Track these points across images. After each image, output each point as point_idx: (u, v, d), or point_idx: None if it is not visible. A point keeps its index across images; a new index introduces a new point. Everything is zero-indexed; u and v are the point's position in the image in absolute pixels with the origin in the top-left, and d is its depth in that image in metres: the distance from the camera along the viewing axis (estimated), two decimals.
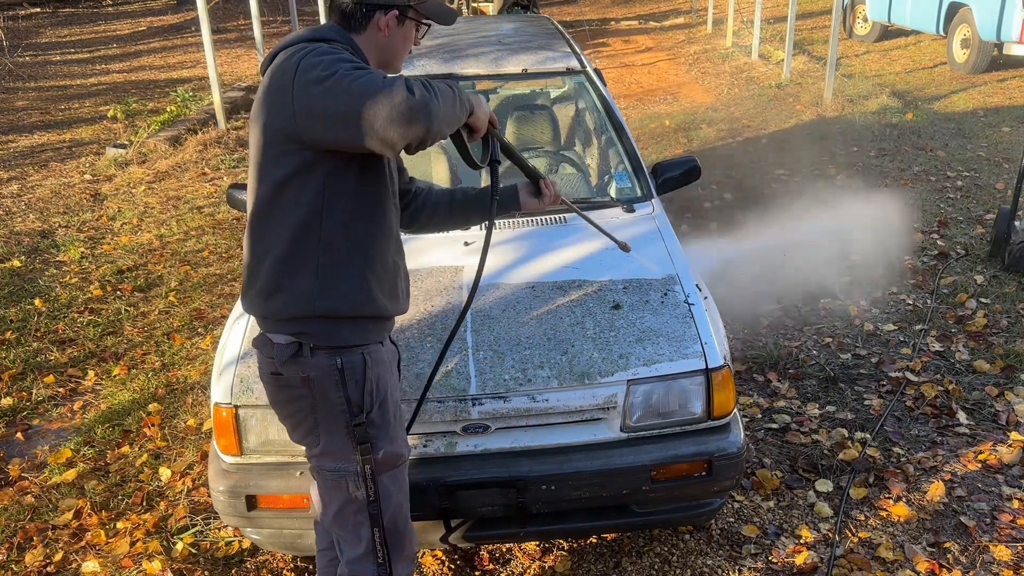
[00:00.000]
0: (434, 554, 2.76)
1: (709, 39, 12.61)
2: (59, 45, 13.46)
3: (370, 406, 1.85)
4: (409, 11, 1.84)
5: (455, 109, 1.71)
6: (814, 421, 3.40)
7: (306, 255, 1.77)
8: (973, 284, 4.50)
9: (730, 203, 5.80)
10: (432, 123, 1.61)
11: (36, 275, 5.08)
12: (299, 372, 1.81)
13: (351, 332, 1.83)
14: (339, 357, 1.81)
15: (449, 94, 1.69)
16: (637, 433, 2.34)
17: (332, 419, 1.84)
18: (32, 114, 9.22)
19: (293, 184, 1.73)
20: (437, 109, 1.62)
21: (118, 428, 3.54)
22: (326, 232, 1.76)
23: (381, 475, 1.89)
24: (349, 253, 1.79)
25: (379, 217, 1.84)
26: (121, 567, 2.78)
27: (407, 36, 1.88)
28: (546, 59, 3.68)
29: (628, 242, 2.47)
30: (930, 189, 5.93)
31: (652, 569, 2.69)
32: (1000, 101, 8.21)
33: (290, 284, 1.79)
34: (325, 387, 1.82)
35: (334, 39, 1.78)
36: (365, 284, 1.82)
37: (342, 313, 1.81)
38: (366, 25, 1.81)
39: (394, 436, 1.92)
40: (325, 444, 1.87)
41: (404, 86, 1.58)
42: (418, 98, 1.58)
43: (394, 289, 1.92)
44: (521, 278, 2.66)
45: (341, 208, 1.76)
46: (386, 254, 1.88)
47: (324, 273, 1.78)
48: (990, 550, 2.73)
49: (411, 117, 1.57)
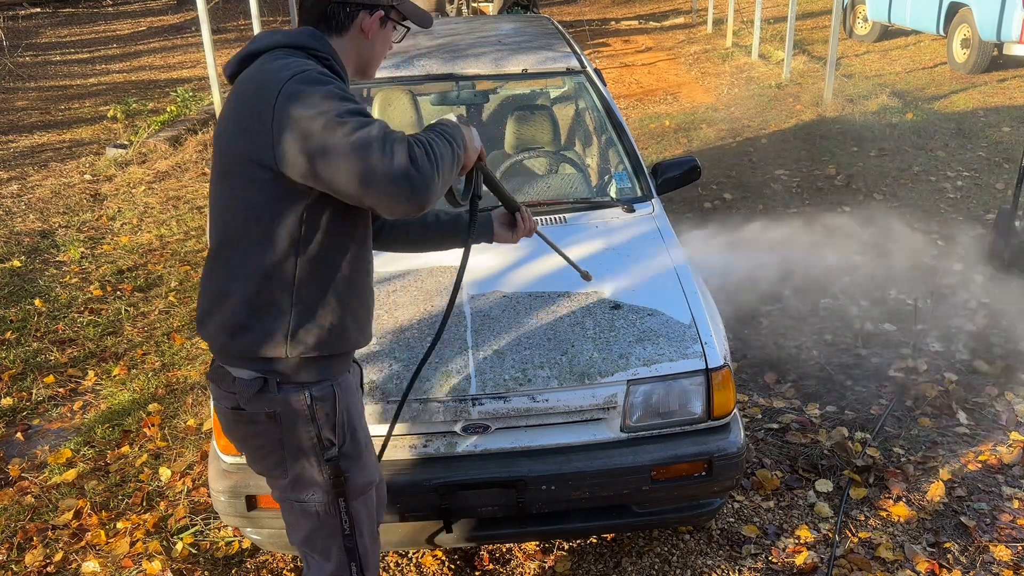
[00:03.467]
0: (434, 554, 2.76)
1: (709, 39, 12.61)
2: (59, 45, 13.46)
3: (342, 439, 1.77)
4: (392, 11, 1.75)
5: (453, 172, 1.60)
6: (814, 421, 3.40)
7: (279, 295, 1.64)
8: (973, 284, 4.50)
9: (730, 203, 5.80)
10: (430, 201, 1.50)
11: (36, 275, 5.08)
12: (264, 408, 1.70)
13: (320, 369, 1.73)
14: (308, 391, 1.70)
15: (448, 158, 1.56)
16: (637, 433, 2.34)
17: (301, 453, 1.74)
18: (32, 114, 9.22)
19: (265, 215, 1.59)
20: (437, 186, 1.51)
21: (118, 428, 3.54)
22: (301, 270, 1.63)
23: (353, 502, 1.82)
24: (325, 292, 1.67)
25: (360, 251, 1.73)
26: (121, 567, 2.78)
27: (387, 39, 1.80)
28: (546, 59, 3.68)
29: (627, 241, 2.47)
30: (930, 189, 5.93)
31: (652, 569, 2.69)
32: (1000, 101, 8.21)
33: (260, 324, 1.66)
34: (293, 422, 1.71)
35: (313, 48, 1.66)
36: (341, 323, 1.71)
37: (315, 354, 1.69)
38: (349, 27, 1.71)
39: (365, 463, 1.84)
40: (293, 477, 1.77)
41: (406, 157, 1.45)
42: (420, 176, 1.46)
43: (368, 322, 1.83)
44: (521, 278, 2.66)
45: (319, 244, 1.63)
46: (363, 290, 1.77)
47: (298, 314, 1.65)
48: (990, 550, 2.73)
49: (411, 195, 1.47)
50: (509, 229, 2.14)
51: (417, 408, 2.26)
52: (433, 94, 4.34)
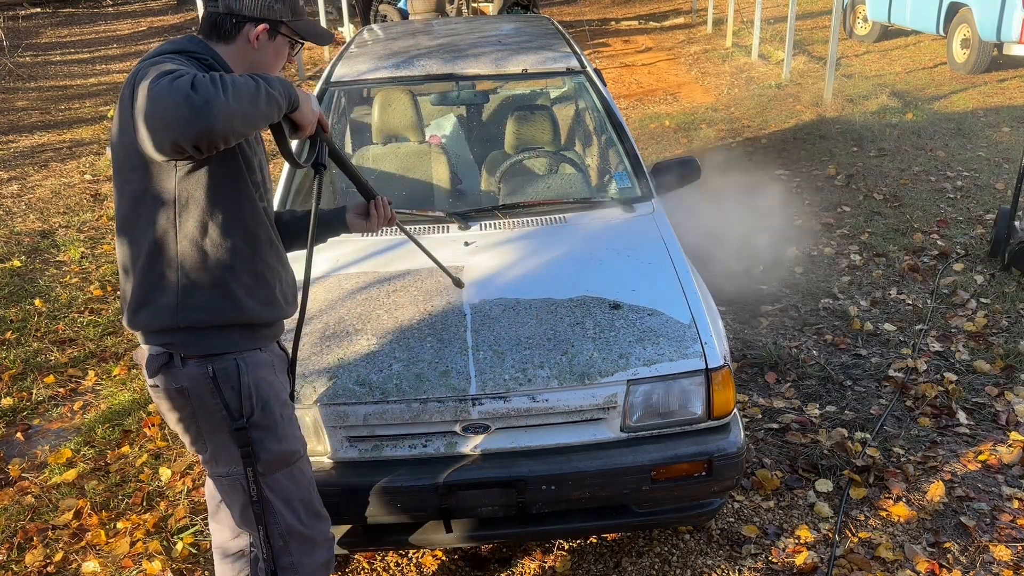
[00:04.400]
0: (434, 554, 2.76)
1: (709, 39, 12.61)
2: (59, 45, 13.46)
3: (250, 410, 1.84)
4: (281, 27, 1.81)
5: (258, 105, 1.59)
6: (814, 421, 3.40)
7: (165, 271, 1.76)
8: (973, 284, 4.50)
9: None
10: (215, 122, 1.50)
11: (36, 275, 5.08)
12: (173, 383, 1.80)
13: (220, 340, 1.81)
14: (210, 365, 1.80)
15: (249, 88, 1.58)
16: (637, 433, 2.34)
17: (214, 426, 1.84)
18: (32, 114, 9.22)
19: (146, 199, 1.72)
20: (224, 107, 1.51)
21: (118, 428, 3.54)
22: (181, 247, 1.74)
23: (275, 474, 1.90)
24: (208, 267, 1.76)
25: (242, 227, 1.80)
26: (121, 567, 2.78)
27: (279, 52, 1.84)
28: (546, 59, 3.68)
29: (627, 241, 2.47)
30: (930, 189, 5.93)
31: (652, 569, 2.69)
32: (1000, 101, 8.21)
33: (153, 298, 1.77)
34: (201, 395, 1.81)
35: (192, 51, 1.74)
36: (230, 294, 1.79)
37: (207, 323, 1.79)
38: (235, 36, 1.78)
39: (284, 435, 1.91)
40: (212, 450, 1.88)
41: (188, 84, 1.49)
42: (199, 95, 1.49)
43: (271, 296, 1.88)
44: (521, 278, 2.66)
45: (195, 222, 1.73)
46: (255, 263, 1.84)
47: (183, 287, 1.76)
48: (990, 550, 2.73)
49: (190, 117, 1.48)
50: (364, 218, 2.15)
51: (417, 408, 2.26)
52: (433, 94, 4.34)
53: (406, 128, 3.59)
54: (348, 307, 2.57)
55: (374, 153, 3.54)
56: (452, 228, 2.95)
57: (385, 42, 4.17)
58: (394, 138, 3.62)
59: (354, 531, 2.40)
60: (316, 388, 2.28)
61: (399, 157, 3.48)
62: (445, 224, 2.97)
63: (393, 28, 4.82)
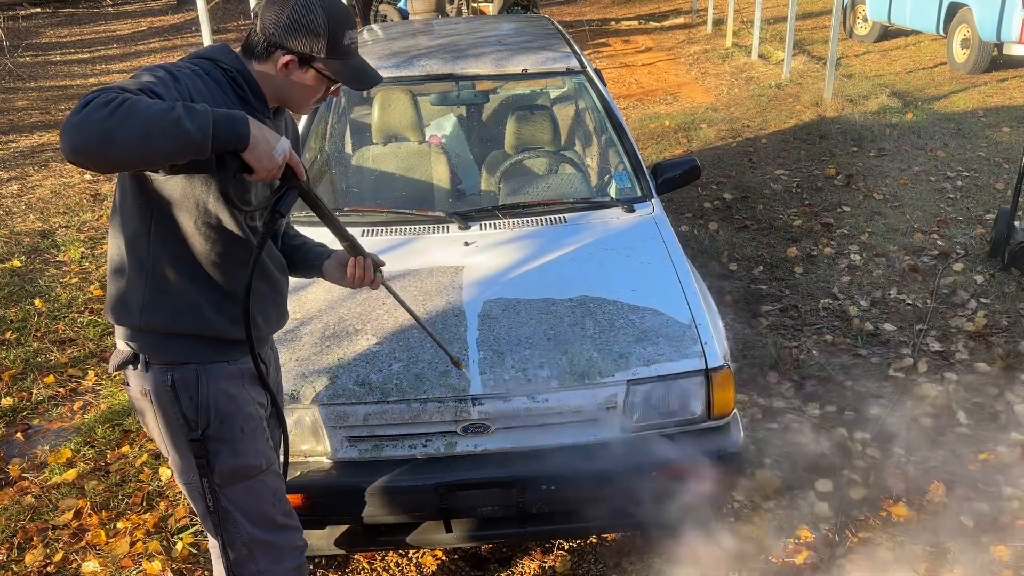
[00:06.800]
0: (434, 554, 2.76)
1: (709, 39, 12.61)
2: (59, 45, 13.46)
3: (206, 422, 1.81)
4: (315, 62, 1.72)
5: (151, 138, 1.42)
6: (814, 421, 3.40)
7: (136, 270, 1.75)
8: (973, 284, 4.50)
9: (730, 203, 5.80)
10: (83, 145, 1.40)
11: (36, 275, 5.08)
12: (140, 385, 1.81)
13: (182, 349, 1.79)
14: (171, 373, 1.78)
15: (151, 118, 1.42)
16: (637, 433, 2.34)
17: (173, 432, 1.83)
18: (32, 114, 9.22)
19: (129, 197, 1.71)
20: (101, 132, 1.39)
21: (118, 428, 3.54)
22: (153, 250, 1.72)
23: (233, 486, 1.86)
24: (179, 276, 1.74)
25: (219, 243, 1.74)
26: (121, 567, 2.78)
27: (310, 86, 1.75)
28: (546, 59, 3.68)
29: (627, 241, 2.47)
30: (930, 189, 5.93)
31: (652, 569, 2.69)
32: (1000, 101, 8.21)
33: (123, 294, 1.77)
34: (162, 401, 1.80)
35: (221, 60, 1.71)
36: (196, 307, 1.76)
37: (167, 330, 1.77)
38: (267, 59, 1.73)
39: (243, 449, 1.86)
40: (172, 457, 1.88)
41: (86, 100, 1.42)
42: (81, 115, 1.39)
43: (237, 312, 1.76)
44: (521, 278, 2.66)
45: (169, 229, 1.70)
46: (227, 280, 1.78)
47: (151, 290, 1.74)
48: (990, 550, 2.73)
49: (66, 133, 1.40)
50: (342, 271, 1.99)
51: (417, 408, 2.26)
52: (433, 94, 4.34)
53: (406, 128, 3.60)
54: (348, 307, 2.57)
55: (374, 153, 3.54)
56: (452, 228, 2.95)
57: (385, 42, 4.17)
58: (394, 138, 3.62)
59: (354, 531, 2.40)
60: (316, 388, 2.28)
61: (399, 157, 3.48)
62: (445, 224, 2.97)
63: (393, 28, 4.83)
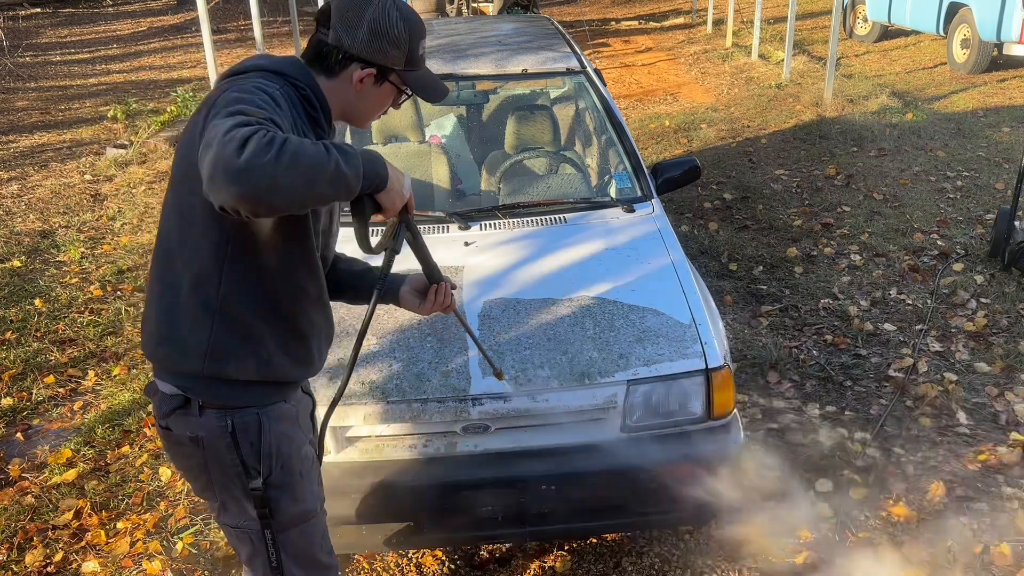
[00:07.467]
0: (434, 554, 2.76)
1: (709, 39, 12.61)
2: (59, 45, 13.46)
3: (268, 470, 1.68)
4: (391, 74, 1.65)
5: (315, 185, 1.35)
6: (814, 421, 3.40)
7: (200, 311, 1.58)
8: (973, 284, 4.50)
9: (730, 203, 5.80)
10: (247, 192, 1.29)
11: (36, 275, 5.08)
12: (187, 431, 1.65)
13: (243, 393, 1.65)
14: (229, 418, 1.63)
15: (312, 164, 1.34)
16: (637, 433, 2.34)
17: (227, 480, 1.68)
18: (32, 114, 9.22)
19: (198, 227, 1.54)
20: (267, 180, 1.29)
21: (118, 428, 3.54)
22: (225, 289, 1.57)
23: (287, 531, 1.75)
24: (250, 316, 1.61)
25: (294, 279, 1.64)
26: (121, 567, 2.78)
27: (382, 100, 1.69)
28: (546, 59, 3.68)
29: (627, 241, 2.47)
30: (930, 189, 5.93)
31: (652, 569, 2.69)
32: (1000, 101, 8.21)
33: (179, 336, 1.61)
34: (217, 448, 1.65)
35: (293, 76, 1.59)
36: (264, 350, 1.63)
37: (232, 376, 1.63)
38: (339, 73, 1.63)
39: (301, 495, 1.75)
40: (222, 501, 1.73)
41: (239, 142, 1.29)
42: (243, 160, 1.27)
43: (306, 354, 1.73)
44: (521, 278, 2.66)
45: (246, 265, 1.56)
46: (298, 318, 1.68)
47: (217, 333, 1.59)
48: (990, 550, 2.73)
49: (223, 180, 1.29)
50: (419, 297, 1.94)
51: (417, 408, 2.26)
52: None
53: (406, 128, 3.60)
54: (348, 307, 2.57)
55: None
56: (452, 228, 2.95)
57: None
58: (394, 138, 3.62)
59: (354, 531, 2.39)
60: (316, 388, 2.28)
61: (399, 157, 3.48)
62: (445, 224, 2.97)
63: None
